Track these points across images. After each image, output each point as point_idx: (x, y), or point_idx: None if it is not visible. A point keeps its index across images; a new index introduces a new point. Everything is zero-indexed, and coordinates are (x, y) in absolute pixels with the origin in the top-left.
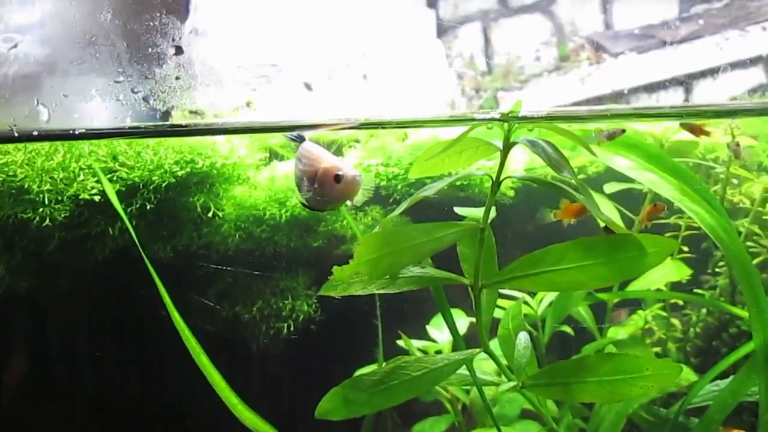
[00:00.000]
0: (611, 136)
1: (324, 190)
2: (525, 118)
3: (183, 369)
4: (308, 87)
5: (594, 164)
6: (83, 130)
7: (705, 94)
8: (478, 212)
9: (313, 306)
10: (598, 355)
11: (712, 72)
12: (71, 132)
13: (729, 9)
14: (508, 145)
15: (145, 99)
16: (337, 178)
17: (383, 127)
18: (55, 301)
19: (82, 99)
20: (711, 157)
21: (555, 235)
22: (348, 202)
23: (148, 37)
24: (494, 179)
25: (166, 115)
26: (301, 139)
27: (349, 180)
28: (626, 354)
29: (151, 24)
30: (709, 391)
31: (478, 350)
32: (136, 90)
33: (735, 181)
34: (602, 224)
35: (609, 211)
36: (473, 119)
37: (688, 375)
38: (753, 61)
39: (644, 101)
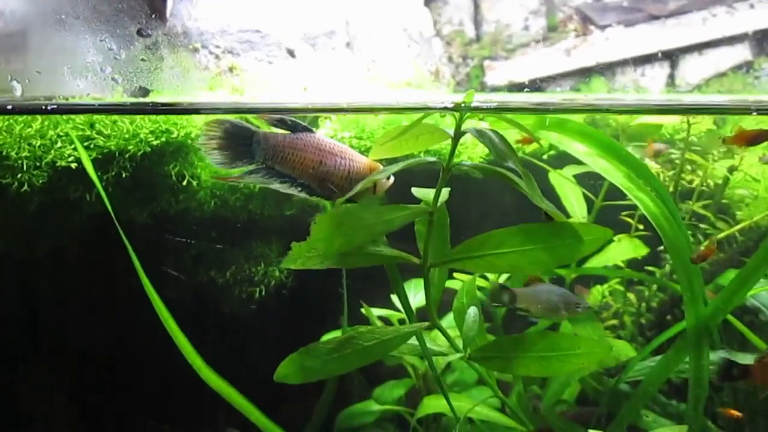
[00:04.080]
0: None
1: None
2: (476, 109)
3: (154, 329)
4: (291, 54)
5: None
6: (55, 106)
7: (691, 69)
8: (432, 193)
9: (285, 272)
10: (537, 332)
11: (699, 47)
12: (43, 108)
13: None
14: (458, 134)
15: (114, 79)
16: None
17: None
18: (34, 262)
19: (53, 76)
20: (679, 138)
21: (528, 206)
22: None
23: (116, 19)
24: (444, 166)
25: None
26: (305, 129)
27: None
28: (561, 333)
29: (120, 6)
30: (645, 365)
31: (426, 323)
32: (104, 69)
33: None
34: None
35: (572, 193)
36: (427, 107)
37: (629, 351)
38: (739, 38)
39: (630, 75)
